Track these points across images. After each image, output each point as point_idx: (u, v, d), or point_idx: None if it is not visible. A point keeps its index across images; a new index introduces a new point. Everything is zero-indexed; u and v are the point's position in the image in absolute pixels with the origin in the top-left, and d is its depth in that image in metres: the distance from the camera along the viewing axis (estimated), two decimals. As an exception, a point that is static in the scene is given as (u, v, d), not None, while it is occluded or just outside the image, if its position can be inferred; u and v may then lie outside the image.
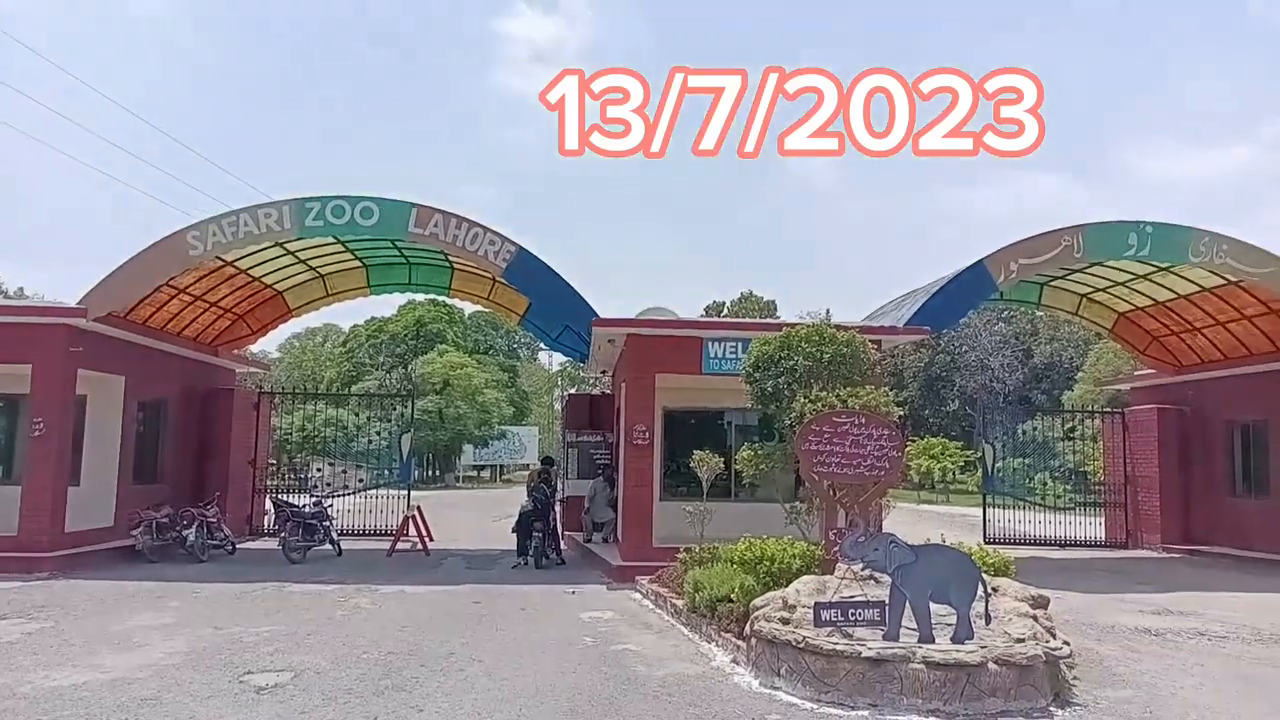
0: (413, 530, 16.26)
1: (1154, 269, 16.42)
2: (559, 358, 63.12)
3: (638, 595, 11.42)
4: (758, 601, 7.61)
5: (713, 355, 13.53)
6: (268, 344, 67.29)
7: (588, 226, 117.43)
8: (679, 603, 9.55)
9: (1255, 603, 11.91)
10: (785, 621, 7.03)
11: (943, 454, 43.09)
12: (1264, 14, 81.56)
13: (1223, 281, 15.90)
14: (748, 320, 21.93)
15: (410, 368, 53.48)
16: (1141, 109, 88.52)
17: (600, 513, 16.34)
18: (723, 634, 8.09)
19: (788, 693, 6.59)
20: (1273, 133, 79.09)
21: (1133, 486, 19.80)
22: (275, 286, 17.68)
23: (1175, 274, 16.41)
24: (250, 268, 16.16)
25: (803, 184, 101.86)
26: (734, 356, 13.18)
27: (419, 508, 16.91)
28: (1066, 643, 6.94)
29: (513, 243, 14.14)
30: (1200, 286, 16.67)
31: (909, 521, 20.98)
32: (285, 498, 16.87)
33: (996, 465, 21.29)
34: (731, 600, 8.24)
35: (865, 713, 6.15)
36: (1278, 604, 11.86)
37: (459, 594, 11.40)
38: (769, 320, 17.11)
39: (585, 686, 6.82)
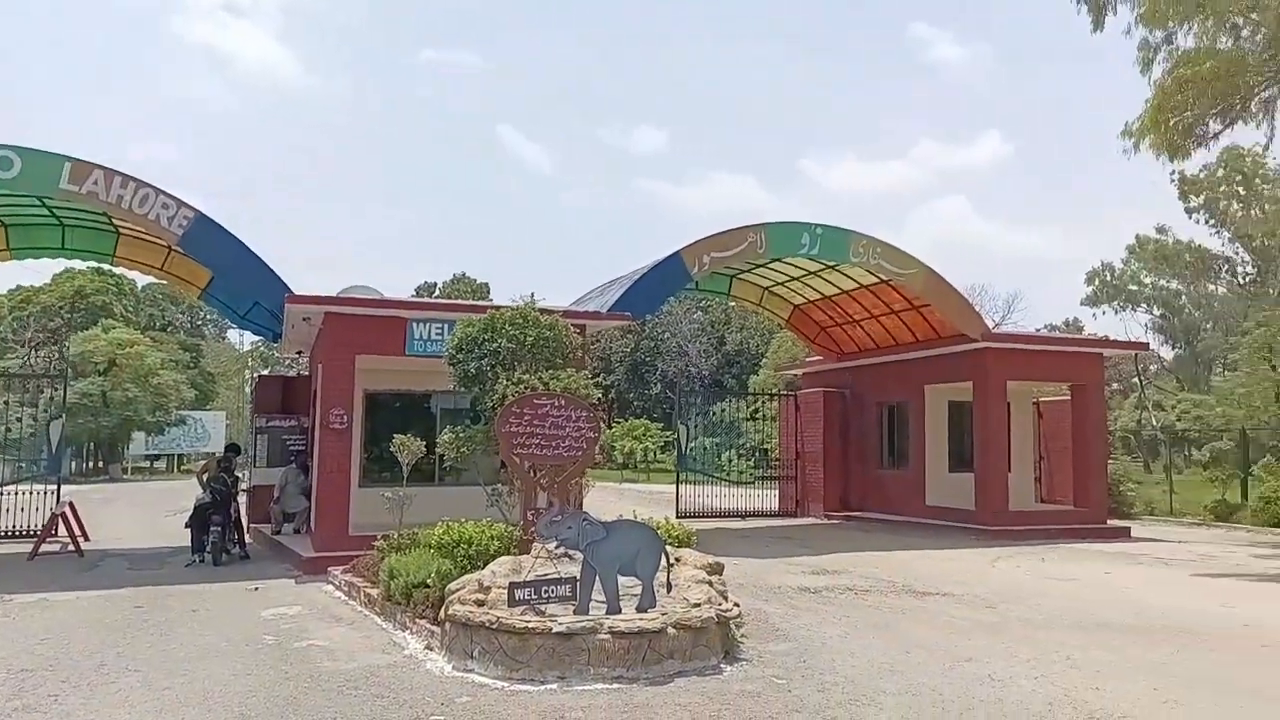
0: (63, 529, 14.27)
1: (823, 266, 18.39)
2: (251, 336, 58.32)
3: (330, 587, 10.87)
4: (453, 585, 7.54)
5: (418, 336, 13.17)
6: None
7: (289, 198, 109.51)
8: (374, 592, 9.22)
9: (892, 559, 13.80)
10: (480, 604, 7.03)
11: (645, 435, 45.44)
12: (921, 48, 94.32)
13: (877, 280, 18.15)
14: (453, 301, 21.61)
15: (65, 345, 46.80)
16: (819, 123, 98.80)
17: (292, 502, 15.34)
18: (417, 621, 7.93)
19: (480, 674, 6.60)
20: (921, 152, 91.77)
21: (802, 461, 22.12)
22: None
23: (840, 272, 18.49)
24: None
25: (522, 171, 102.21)
26: (439, 338, 12.92)
27: (70, 503, 14.88)
28: (737, 604, 7.59)
29: (190, 207, 12.81)
30: (859, 284, 18.93)
31: (611, 500, 21.93)
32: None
33: (690, 445, 22.82)
34: (428, 586, 8.09)
35: (554, 685, 6.32)
36: (909, 559, 13.83)
37: (117, 598, 10.16)
38: (475, 302, 16.97)
39: (262, 688, 6.37)
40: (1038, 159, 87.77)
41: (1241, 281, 52.40)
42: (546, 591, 6.96)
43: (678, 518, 17.32)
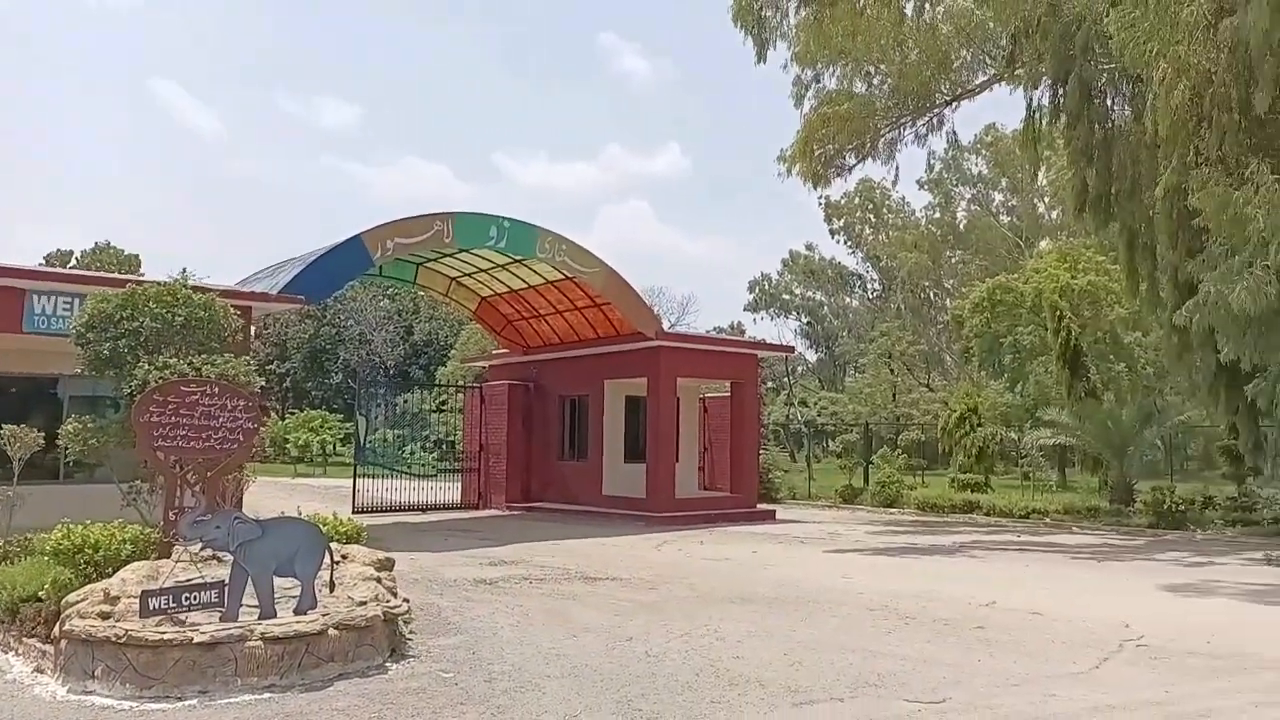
0: None
1: (511, 260, 18.54)
2: None
3: (-91, 608, 9.02)
4: (72, 597, 6.59)
5: (38, 311, 11.39)
6: None
7: None
8: (-31, 611, 7.79)
9: (568, 548, 14.25)
10: (106, 616, 6.21)
11: (323, 427, 42.96)
12: (611, 57, 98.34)
13: (562, 276, 18.64)
14: (86, 273, 18.98)
15: None
16: (514, 119, 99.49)
17: None
18: (25, 640, 6.82)
19: (104, 695, 5.82)
20: (609, 157, 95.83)
21: (487, 454, 22.16)
22: None
23: (527, 266, 18.75)
24: None
25: (186, 133, 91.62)
26: (67, 313, 11.24)
27: None
28: (406, 600, 7.40)
29: None
30: (546, 279, 19.32)
31: (281, 495, 20.45)
32: None
33: (371, 437, 22.00)
34: (40, 600, 7.00)
35: (193, 702, 5.74)
36: (584, 547, 14.37)
37: None
38: (113, 275, 15.00)
39: None
40: (712, 173, 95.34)
41: (870, 296, 60.83)
42: (188, 598, 6.30)
43: (354, 513, 16.61)
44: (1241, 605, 9.91)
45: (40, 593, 7.03)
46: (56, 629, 6.37)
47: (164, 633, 5.95)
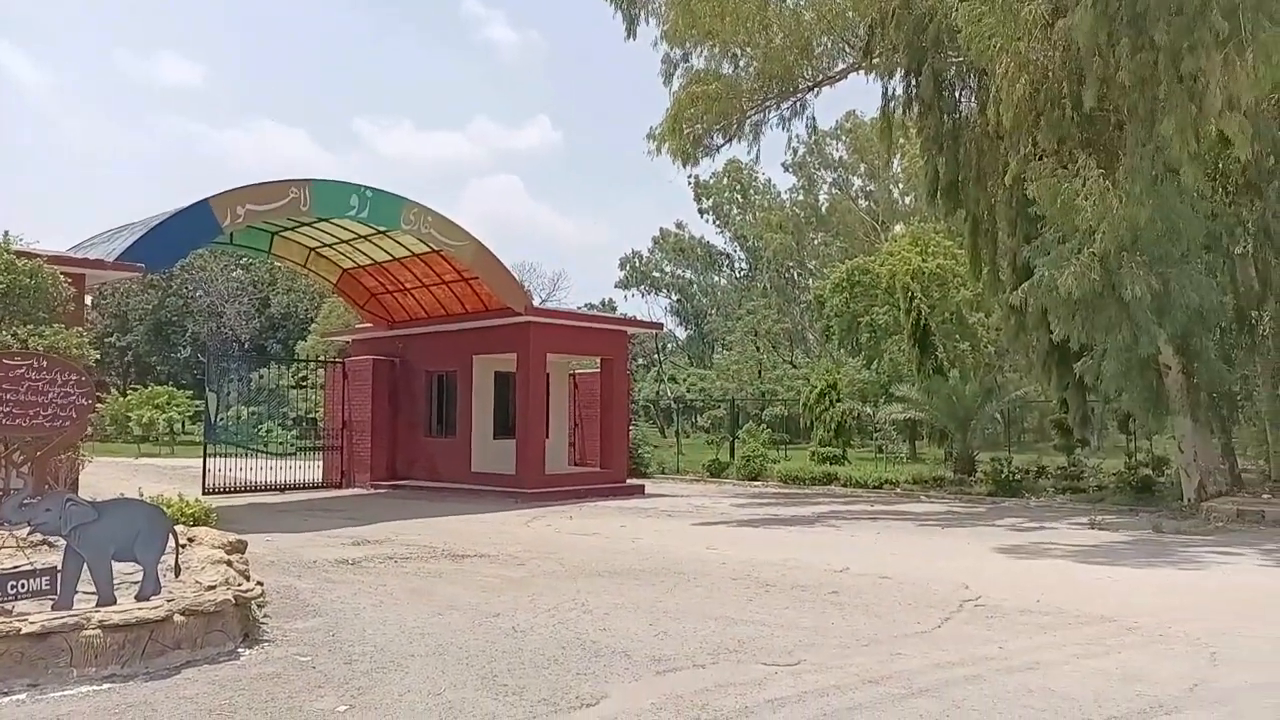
0: None
1: (374, 231, 17.94)
2: None
3: None
4: (-123, 590, 5.99)
5: None
6: None
7: None
8: None
9: (435, 525, 14.03)
10: (-83, 609, 5.68)
11: (169, 403, 40.51)
12: (476, 25, 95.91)
13: (429, 249, 18.19)
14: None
15: None
16: (376, 85, 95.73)
17: None
18: None
19: (-85, 695, 5.34)
20: (477, 129, 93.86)
21: (350, 431, 21.47)
22: None
23: (391, 238, 18.19)
24: None
25: (8, 86, 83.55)
26: None
27: None
28: (260, 583, 7.10)
29: None
30: (411, 252, 18.81)
31: (124, 476, 19.18)
32: None
33: (224, 414, 20.89)
34: None
35: (22, 696, 5.34)
36: (451, 524, 14.19)
37: None
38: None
39: None
40: (583, 148, 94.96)
41: (737, 275, 62.27)
42: (15, 586, 5.85)
43: (205, 494, 15.80)
44: (1069, 565, 10.77)
45: None
46: None
47: (-14, 625, 5.50)
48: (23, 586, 5.91)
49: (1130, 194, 12.35)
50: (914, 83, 17.17)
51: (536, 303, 25.51)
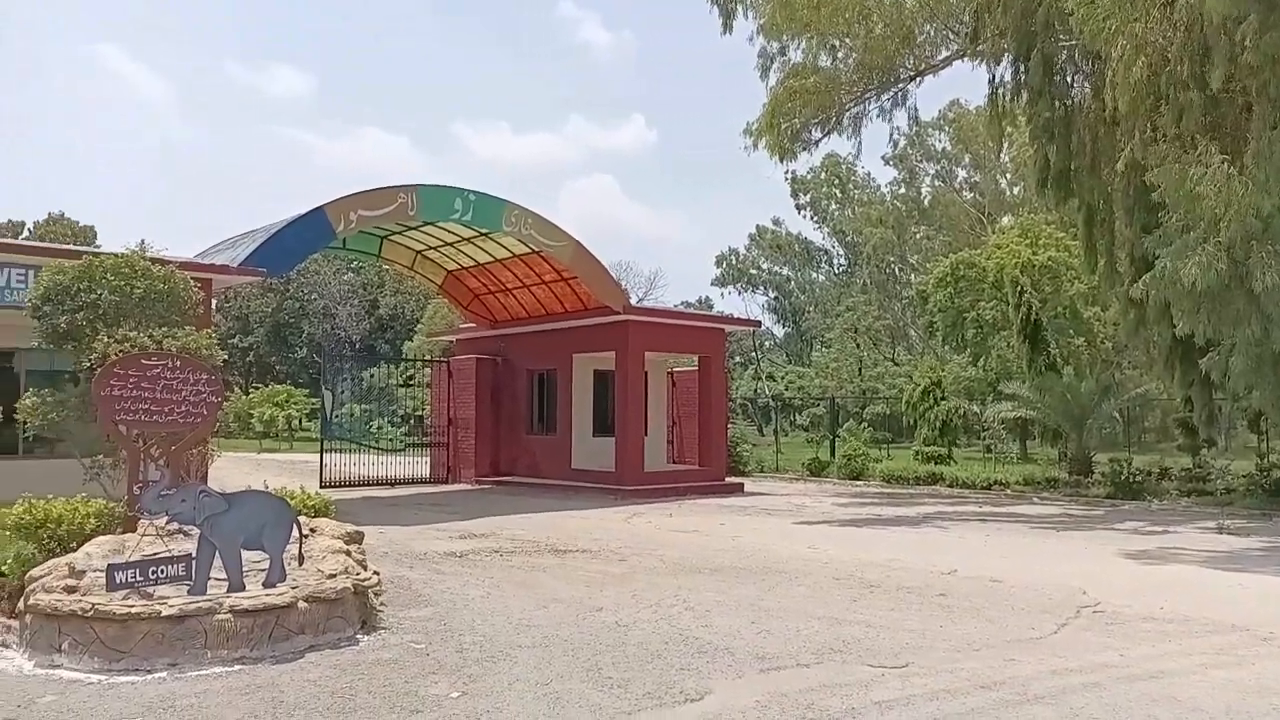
0: None
1: (477, 233, 18.41)
2: None
3: None
4: (37, 571, 6.52)
5: (-8, 284, 11.10)
6: None
7: None
8: (-73, 587, 7.68)
9: (538, 521, 14.31)
10: (71, 590, 6.16)
11: (288, 401, 42.53)
12: (570, 27, 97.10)
13: (529, 250, 18.55)
14: (41, 244, 18.59)
15: None
16: (473, 89, 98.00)
17: None
18: (-12, 616, 6.75)
19: (71, 669, 5.79)
20: (572, 129, 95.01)
21: (455, 428, 22.09)
22: None
23: (493, 240, 18.63)
24: None
25: (136, 102, 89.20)
26: (21, 285, 11.00)
27: None
28: (376, 573, 7.40)
29: None
30: (512, 253, 19.22)
31: (247, 470, 20.26)
32: None
33: (338, 412, 21.80)
34: (3, 574, 6.94)
35: (163, 674, 5.72)
36: (553, 520, 14.44)
37: None
38: (68, 247, 14.69)
39: None
40: (678, 147, 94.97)
41: (836, 271, 61.25)
42: (155, 572, 6.26)
43: (322, 488, 16.51)
44: (1195, 571, 10.22)
45: (3, 568, 6.95)
46: (21, 603, 6.30)
47: (131, 606, 5.91)
48: (162, 572, 6.33)
49: (1258, 180, 11.60)
50: (1023, 68, 16.53)
51: (634, 301, 25.70)
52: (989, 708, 5.19)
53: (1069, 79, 16.68)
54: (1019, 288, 25.70)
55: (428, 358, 27.73)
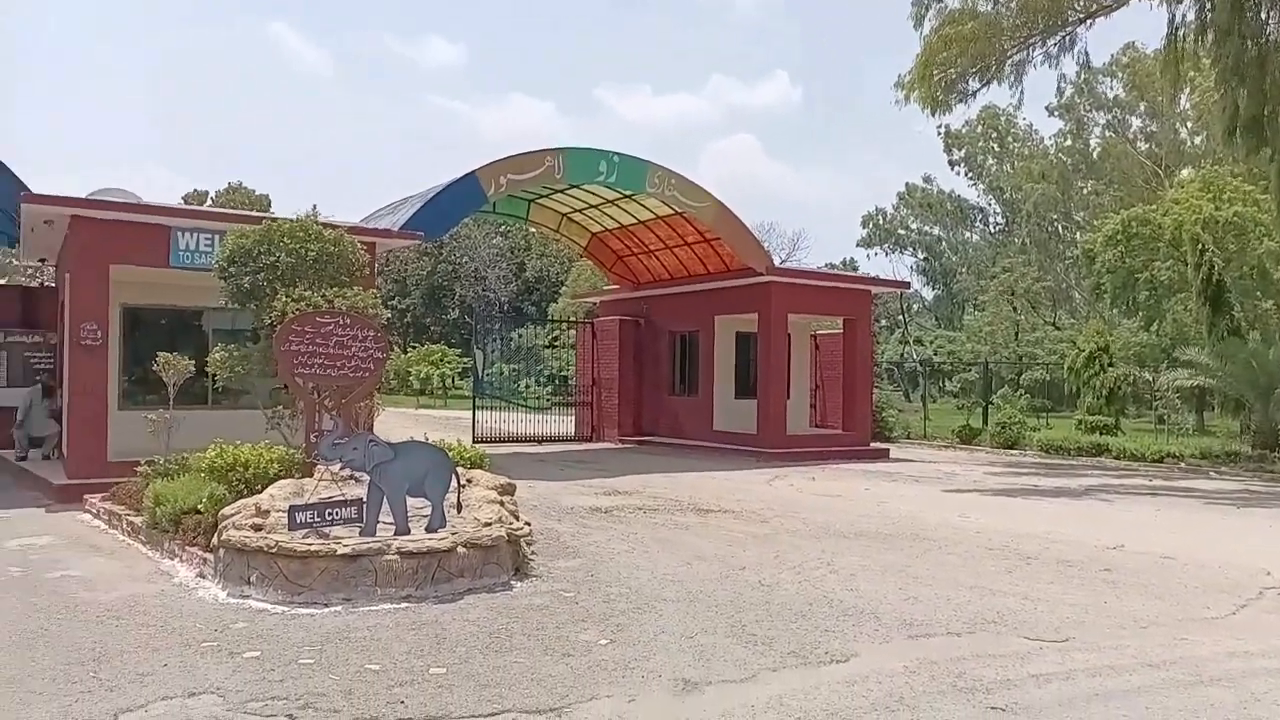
0: None
1: (620, 195, 18.55)
2: (-14, 245, 51.18)
3: (87, 516, 10.00)
4: (228, 510, 7.16)
5: (183, 247, 12.09)
6: None
7: (36, 97, 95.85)
8: (138, 520, 8.58)
9: (680, 480, 14.47)
10: (258, 528, 6.72)
11: (442, 360, 44.61)
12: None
13: (672, 211, 18.56)
14: (223, 210, 20.03)
15: None
16: (614, 52, 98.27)
17: (39, 426, 13.88)
18: (188, 549, 7.48)
19: (259, 599, 6.35)
20: (713, 89, 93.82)
21: (598, 388, 22.56)
22: None
23: (637, 201, 18.73)
24: None
25: (302, 76, 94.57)
26: (209, 249, 11.92)
27: None
28: (528, 523, 7.71)
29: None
30: (655, 214, 19.28)
31: (405, 424, 21.38)
32: None
33: (488, 371, 22.72)
34: (199, 512, 7.65)
35: (339, 608, 6.19)
36: (695, 480, 14.56)
37: None
38: (249, 212, 15.78)
39: (3, 623, 5.81)
40: (823, 103, 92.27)
41: (992, 230, 58.22)
42: (330, 514, 6.75)
43: (474, 442, 17.25)
44: (1399, 557, 9.26)
45: (199, 505, 7.66)
46: (215, 539, 6.94)
47: (310, 544, 6.41)
48: (336, 514, 6.81)
49: None
50: (1207, 6, 15.08)
51: (777, 263, 25.32)
52: (1157, 686, 4.92)
53: (1262, 15, 15.08)
54: (1200, 246, 23.63)
55: (572, 319, 28.33)
